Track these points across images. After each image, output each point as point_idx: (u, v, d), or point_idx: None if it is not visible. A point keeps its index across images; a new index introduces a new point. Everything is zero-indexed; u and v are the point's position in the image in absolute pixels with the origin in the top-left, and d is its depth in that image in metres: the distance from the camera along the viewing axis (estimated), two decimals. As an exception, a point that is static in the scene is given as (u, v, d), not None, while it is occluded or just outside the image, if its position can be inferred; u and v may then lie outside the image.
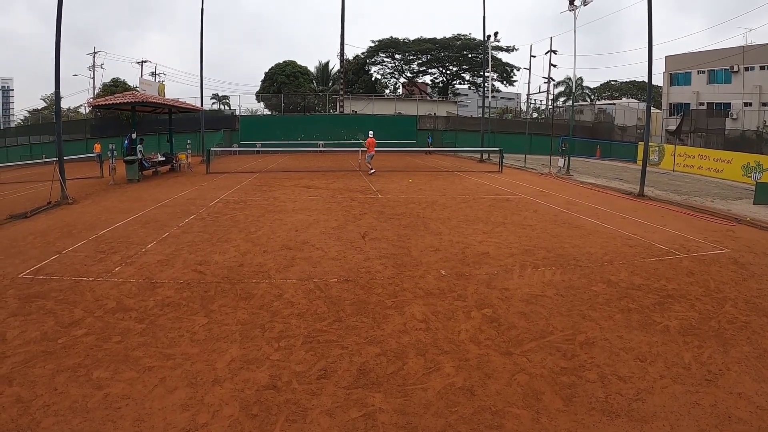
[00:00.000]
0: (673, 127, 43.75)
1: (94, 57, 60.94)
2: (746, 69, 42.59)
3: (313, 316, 5.40)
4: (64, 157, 16.07)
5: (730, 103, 42.92)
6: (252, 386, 3.95)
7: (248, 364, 4.30)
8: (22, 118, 69.53)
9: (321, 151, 38.76)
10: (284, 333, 4.95)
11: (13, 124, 68.33)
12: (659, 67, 50.17)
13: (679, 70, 49.30)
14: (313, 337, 4.85)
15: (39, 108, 69.28)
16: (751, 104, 41.13)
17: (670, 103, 50.33)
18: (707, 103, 46.04)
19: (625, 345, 4.82)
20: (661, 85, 51.43)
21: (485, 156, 34.63)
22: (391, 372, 4.19)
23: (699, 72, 47.16)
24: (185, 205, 13.34)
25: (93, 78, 60.49)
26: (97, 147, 24.00)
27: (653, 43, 17.47)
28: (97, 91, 56.09)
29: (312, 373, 4.16)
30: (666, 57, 50.26)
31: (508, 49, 63.16)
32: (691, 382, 4.15)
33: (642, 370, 4.33)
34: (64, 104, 52.73)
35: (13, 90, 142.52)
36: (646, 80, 18.84)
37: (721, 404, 3.84)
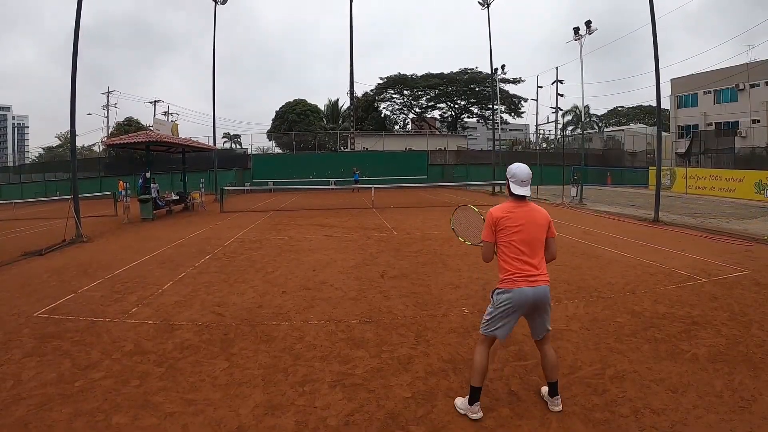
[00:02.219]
0: (683, 150, 43.72)
1: (108, 97, 62.43)
2: (752, 86, 42.80)
3: (337, 359, 5.30)
4: (79, 195, 16.24)
5: (738, 122, 43.00)
6: (278, 433, 3.84)
7: (273, 410, 4.19)
8: (37, 155, 70.75)
9: (333, 188, 38.98)
10: (308, 377, 4.85)
11: (27, 161, 69.46)
12: (665, 91, 50.52)
13: (686, 92, 49.53)
14: (338, 381, 4.74)
15: (53, 146, 70.65)
16: (759, 121, 41.22)
17: (678, 126, 50.48)
18: (715, 123, 46.20)
19: (656, 376, 4.70)
20: (668, 108, 51.59)
21: (497, 189, 34.71)
22: (420, 415, 4.07)
23: (705, 92, 47.52)
24: (200, 245, 13.38)
25: (107, 117, 61.82)
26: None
27: (659, 67, 17.58)
28: (110, 129, 57.24)
29: (339, 418, 4.05)
30: (671, 80, 50.67)
31: (515, 81, 63.94)
32: (725, 410, 4.04)
33: (675, 401, 4.21)
34: (78, 142, 53.70)
35: (28, 127, 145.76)
36: (653, 105, 18.95)
37: (758, 431, 3.74)
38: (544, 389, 4.36)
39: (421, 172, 45.61)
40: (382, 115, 69.49)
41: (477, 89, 65.16)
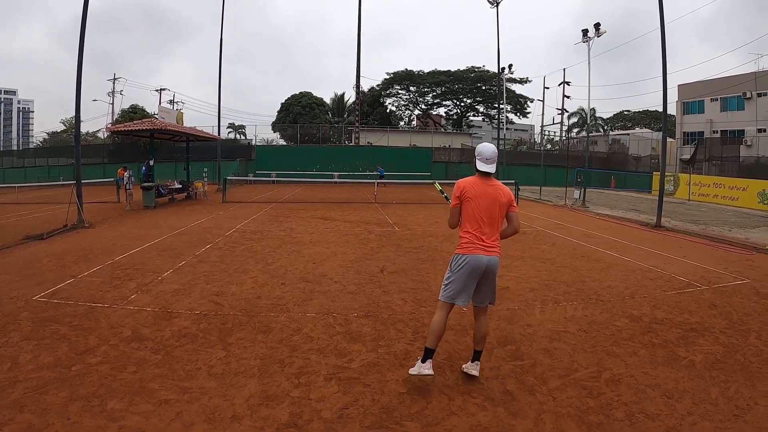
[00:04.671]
0: (688, 156, 43.61)
1: (113, 83, 62.44)
2: (759, 95, 42.57)
3: (334, 352, 5.30)
4: (82, 181, 16.25)
5: (743, 130, 42.79)
6: (272, 424, 3.83)
7: (268, 401, 4.20)
8: (41, 140, 70.82)
9: (336, 182, 39.02)
10: (304, 369, 4.85)
11: (31, 146, 69.57)
12: (672, 96, 50.28)
13: (692, 99, 49.33)
14: (333, 374, 4.74)
15: (58, 131, 70.72)
16: (765, 130, 41.05)
17: (684, 132, 50.30)
18: (721, 130, 46.02)
19: (651, 381, 4.69)
20: (674, 113, 51.44)
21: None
22: (415, 411, 4.07)
23: (712, 100, 47.28)
24: (201, 234, 13.39)
25: (112, 104, 61.77)
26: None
27: (667, 72, 17.53)
28: (115, 116, 57.23)
29: (334, 411, 4.05)
30: (679, 86, 50.55)
31: (522, 81, 63.62)
32: (720, 418, 4.03)
33: (669, 407, 4.19)
34: (83, 128, 53.85)
35: (33, 112, 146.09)
36: (659, 110, 18.88)
37: (751, 440, 3.71)
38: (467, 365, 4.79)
39: (425, 169, 45.62)
40: (388, 111, 69.23)
41: (483, 88, 64.89)
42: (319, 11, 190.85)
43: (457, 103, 69.56)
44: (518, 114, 68.15)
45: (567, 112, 63.14)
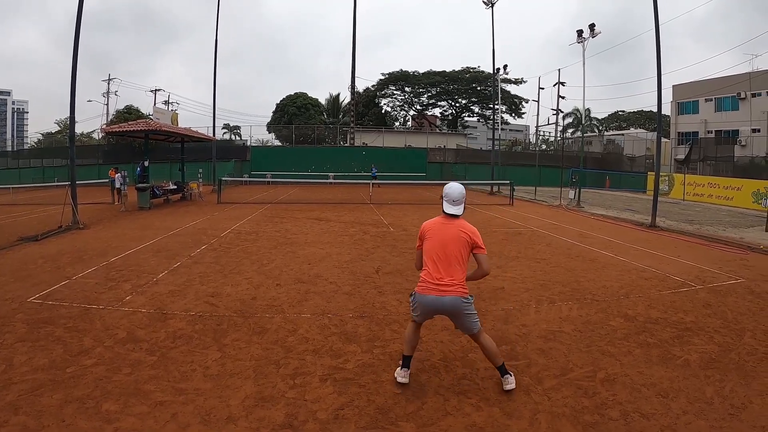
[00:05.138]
0: (682, 156, 43.73)
1: (108, 84, 62.07)
2: (753, 95, 42.71)
3: (329, 353, 5.30)
4: (76, 182, 16.20)
5: (738, 130, 42.92)
6: (267, 425, 3.83)
7: (263, 402, 4.19)
8: (36, 140, 70.62)
9: (331, 183, 39.03)
10: (300, 370, 4.85)
11: (26, 147, 69.34)
12: (667, 96, 50.42)
13: (687, 99, 49.46)
14: (329, 375, 4.74)
15: (53, 131, 70.48)
16: (759, 130, 41.13)
17: (679, 132, 50.42)
18: (715, 130, 46.15)
19: (646, 381, 4.70)
20: (669, 114, 51.57)
21: (495, 188, 34.75)
22: (410, 412, 4.07)
23: (706, 100, 47.40)
24: (196, 235, 13.37)
25: (107, 104, 61.44)
26: (112, 173, 24.41)
27: (662, 73, 17.57)
28: (110, 117, 57.02)
29: (329, 411, 4.05)
30: (673, 86, 50.63)
31: (517, 82, 63.74)
32: (715, 417, 4.04)
33: (664, 406, 4.21)
34: (78, 129, 53.61)
35: (27, 113, 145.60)
36: (654, 110, 18.90)
37: (746, 439, 3.72)
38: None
39: (420, 170, 45.72)
40: (383, 111, 69.26)
41: (478, 88, 64.95)
42: (318, 11, 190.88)
43: (452, 103, 69.60)
44: (513, 114, 68.29)
45: (562, 112, 63.40)
